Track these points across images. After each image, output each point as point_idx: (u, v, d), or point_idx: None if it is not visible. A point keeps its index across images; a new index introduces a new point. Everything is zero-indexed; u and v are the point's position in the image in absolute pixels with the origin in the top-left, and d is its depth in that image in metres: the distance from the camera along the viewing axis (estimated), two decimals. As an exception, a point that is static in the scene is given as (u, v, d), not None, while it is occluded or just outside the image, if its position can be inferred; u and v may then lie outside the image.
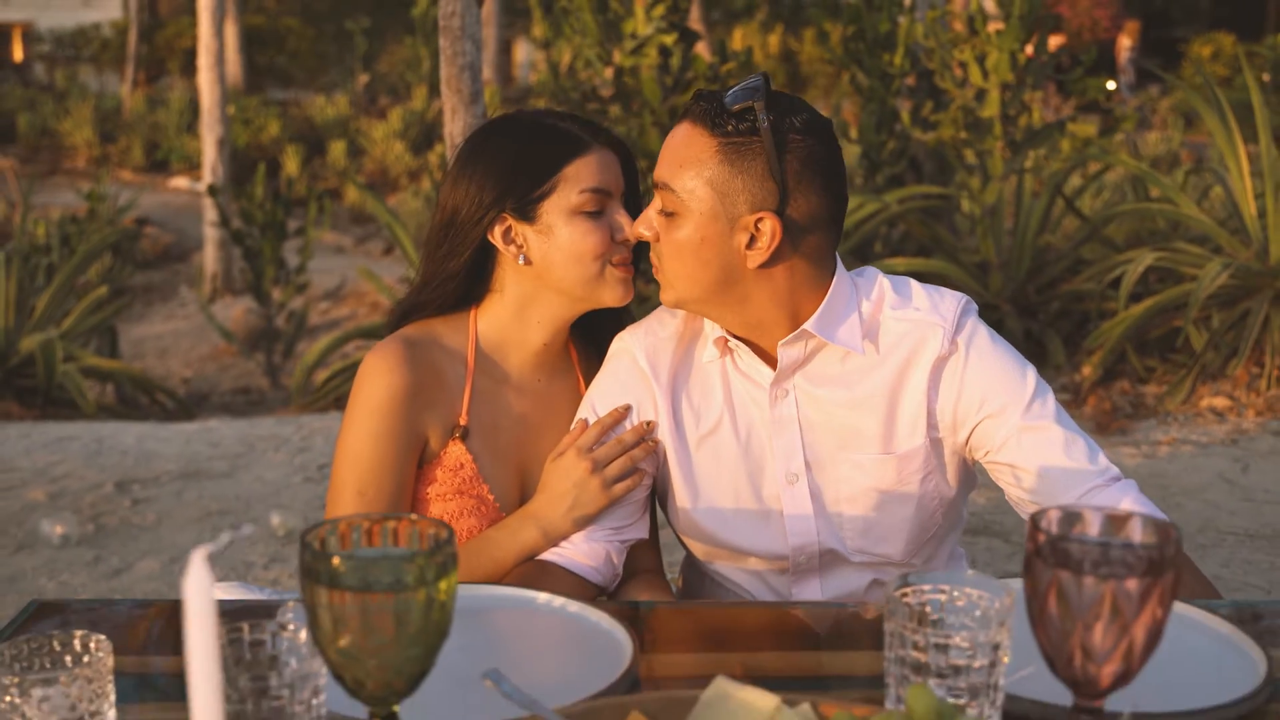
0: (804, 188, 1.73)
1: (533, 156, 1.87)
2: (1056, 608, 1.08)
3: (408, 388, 1.85)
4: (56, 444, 4.74)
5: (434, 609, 1.04)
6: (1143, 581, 1.06)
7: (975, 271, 6.18)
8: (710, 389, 1.90)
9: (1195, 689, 1.29)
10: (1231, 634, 1.41)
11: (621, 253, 1.88)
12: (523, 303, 1.93)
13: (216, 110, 11.05)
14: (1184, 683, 1.32)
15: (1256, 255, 5.26)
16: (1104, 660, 1.08)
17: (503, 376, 1.96)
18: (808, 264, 1.78)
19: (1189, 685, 1.31)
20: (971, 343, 1.82)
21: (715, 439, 1.89)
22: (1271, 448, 4.38)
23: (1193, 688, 1.30)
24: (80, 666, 1.19)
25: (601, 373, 1.96)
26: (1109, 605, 1.06)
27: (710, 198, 1.73)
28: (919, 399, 1.82)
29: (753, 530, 1.90)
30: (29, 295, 6.15)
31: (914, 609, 1.20)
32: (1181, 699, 1.27)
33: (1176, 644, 1.41)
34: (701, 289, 1.78)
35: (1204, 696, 1.27)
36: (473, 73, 3.52)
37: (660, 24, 5.56)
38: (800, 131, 1.72)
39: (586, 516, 1.86)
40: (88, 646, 1.22)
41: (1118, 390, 5.20)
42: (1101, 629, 1.07)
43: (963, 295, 1.87)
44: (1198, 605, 1.48)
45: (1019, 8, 5.71)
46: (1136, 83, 16.99)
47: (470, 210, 1.87)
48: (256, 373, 8.48)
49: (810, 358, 1.84)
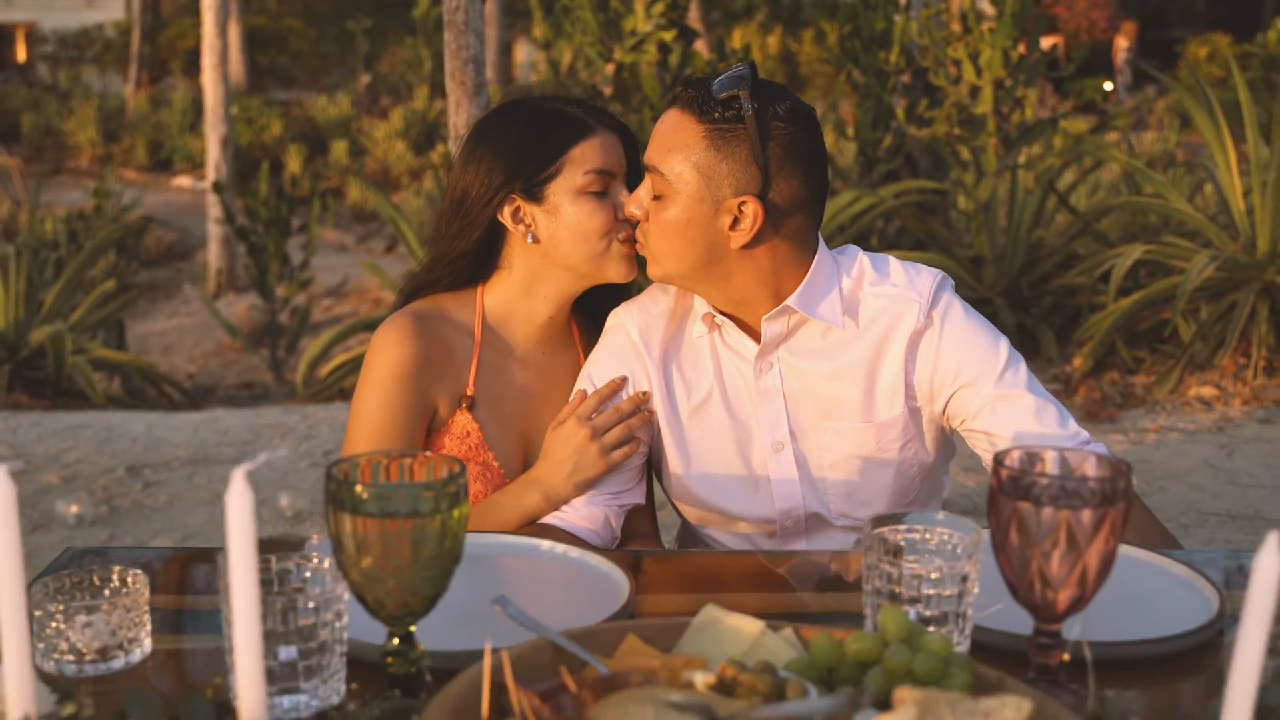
0: (786, 173, 1.82)
1: (539, 140, 1.96)
2: (1017, 538, 1.18)
3: (417, 358, 1.94)
4: (67, 431, 4.84)
5: (447, 535, 1.14)
6: (1095, 512, 1.16)
7: (969, 266, 6.27)
8: (700, 362, 2.00)
9: (1151, 623, 1.39)
10: (1189, 576, 1.51)
11: (625, 230, 1.96)
12: (530, 279, 2.02)
13: (220, 109, 11.15)
14: (1141, 618, 1.41)
15: (1244, 248, 5.36)
16: (1060, 586, 1.18)
17: (508, 350, 2.05)
18: (789, 244, 1.87)
19: (1145, 620, 1.40)
20: (946, 316, 1.91)
21: (706, 410, 1.99)
22: (1256, 434, 4.48)
23: (1149, 622, 1.39)
24: (119, 597, 1.29)
25: (598, 346, 2.06)
26: (1064, 534, 1.16)
27: (696, 181, 1.82)
28: (897, 370, 1.91)
29: (742, 496, 1.99)
30: (38, 289, 6.25)
31: (889, 544, 1.30)
32: (1137, 632, 1.36)
33: (1137, 585, 1.51)
34: (686, 266, 1.87)
35: (1158, 630, 1.37)
36: (476, 66, 3.62)
37: (660, 21, 5.66)
38: (783, 119, 1.81)
39: (586, 481, 1.95)
40: (125, 580, 1.32)
41: (1108, 381, 5.29)
42: (1058, 557, 1.17)
43: (939, 272, 1.96)
44: (1160, 553, 1.58)
45: (1011, 6, 5.81)
46: (1133, 83, 17.08)
47: (480, 192, 1.96)
48: (260, 368, 8.57)
49: (793, 332, 1.93)
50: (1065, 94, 15.43)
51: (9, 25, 22.99)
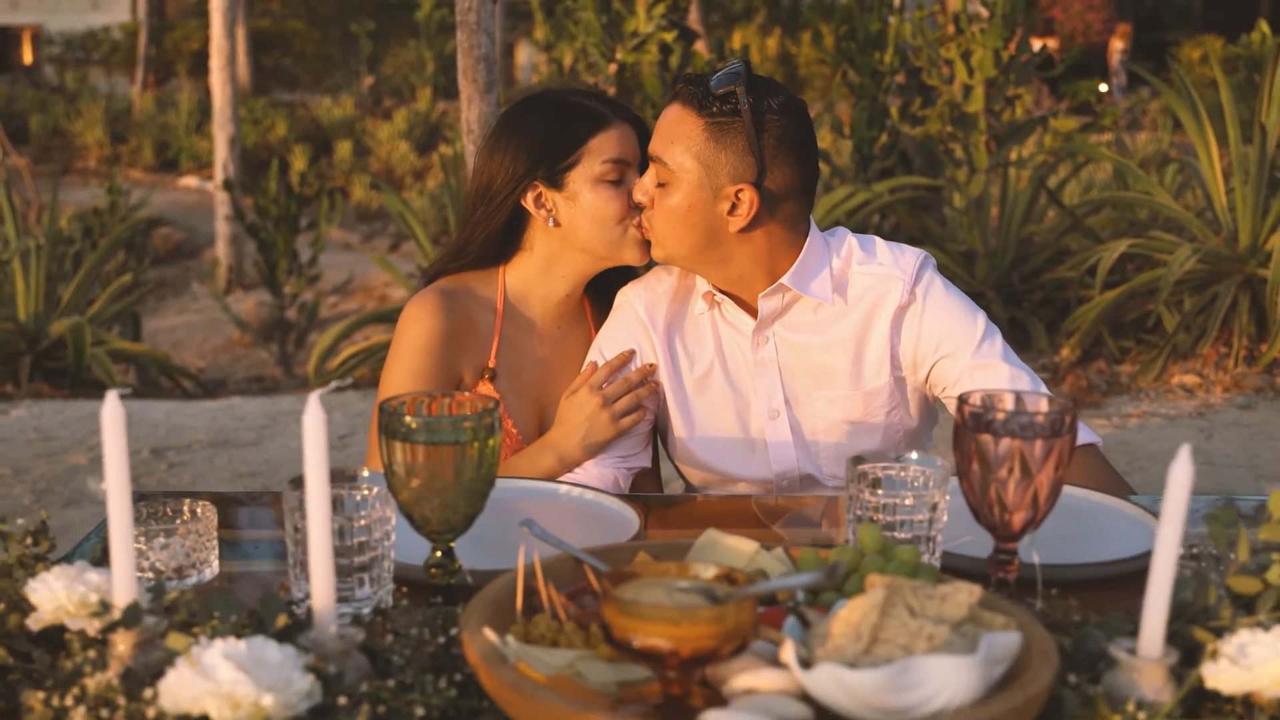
0: (780, 162, 1.99)
1: (560, 131, 2.13)
2: (978, 467, 1.35)
3: (444, 332, 2.12)
4: (90, 418, 5.02)
5: (484, 461, 1.32)
6: (1045, 443, 1.34)
7: (962, 260, 6.45)
8: (702, 337, 2.17)
9: (1099, 552, 1.57)
10: (1138, 515, 1.69)
11: (638, 216, 2.11)
12: (550, 260, 2.19)
13: (228, 110, 11.33)
14: (1091, 548, 1.59)
15: (1226, 242, 5.54)
16: (1015, 509, 1.36)
17: (527, 325, 2.23)
18: (783, 228, 2.04)
19: (1095, 549, 1.58)
20: (928, 293, 2.09)
21: (707, 380, 2.16)
22: (1235, 420, 4.66)
23: (1097, 551, 1.57)
24: (192, 523, 1.46)
25: (607, 323, 2.23)
26: (1018, 463, 1.34)
27: (697, 170, 1.99)
28: (883, 343, 2.09)
29: (741, 459, 2.17)
30: (56, 283, 6.42)
31: (869, 477, 1.47)
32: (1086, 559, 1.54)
33: (1093, 522, 1.69)
34: (687, 249, 2.04)
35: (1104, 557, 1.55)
36: (487, 64, 3.80)
37: (661, 22, 5.84)
38: (777, 112, 1.98)
39: (597, 445, 2.12)
40: (195, 510, 1.50)
41: (1094, 370, 5.47)
42: (1013, 483, 1.35)
43: (922, 251, 2.14)
44: (1116, 498, 1.76)
45: (1002, 7, 5.99)
46: (1128, 85, 17.27)
47: (504, 180, 2.13)
48: (269, 362, 8.75)
49: (787, 308, 2.10)
50: (1060, 95, 15.62)
51: (15, 27, 23.19)
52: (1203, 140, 5.61)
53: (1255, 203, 5.40)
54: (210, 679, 1.03)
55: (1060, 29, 19.44)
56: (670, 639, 1.05)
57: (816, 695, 1.04)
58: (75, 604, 1.17)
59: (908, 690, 1.02)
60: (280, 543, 1.65)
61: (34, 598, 1.19)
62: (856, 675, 1.02)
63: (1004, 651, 1.08)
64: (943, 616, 1.10)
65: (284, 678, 1.05)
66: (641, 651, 1.06)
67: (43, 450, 4.46)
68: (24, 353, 6.13)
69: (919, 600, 1.12)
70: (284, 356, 8.42)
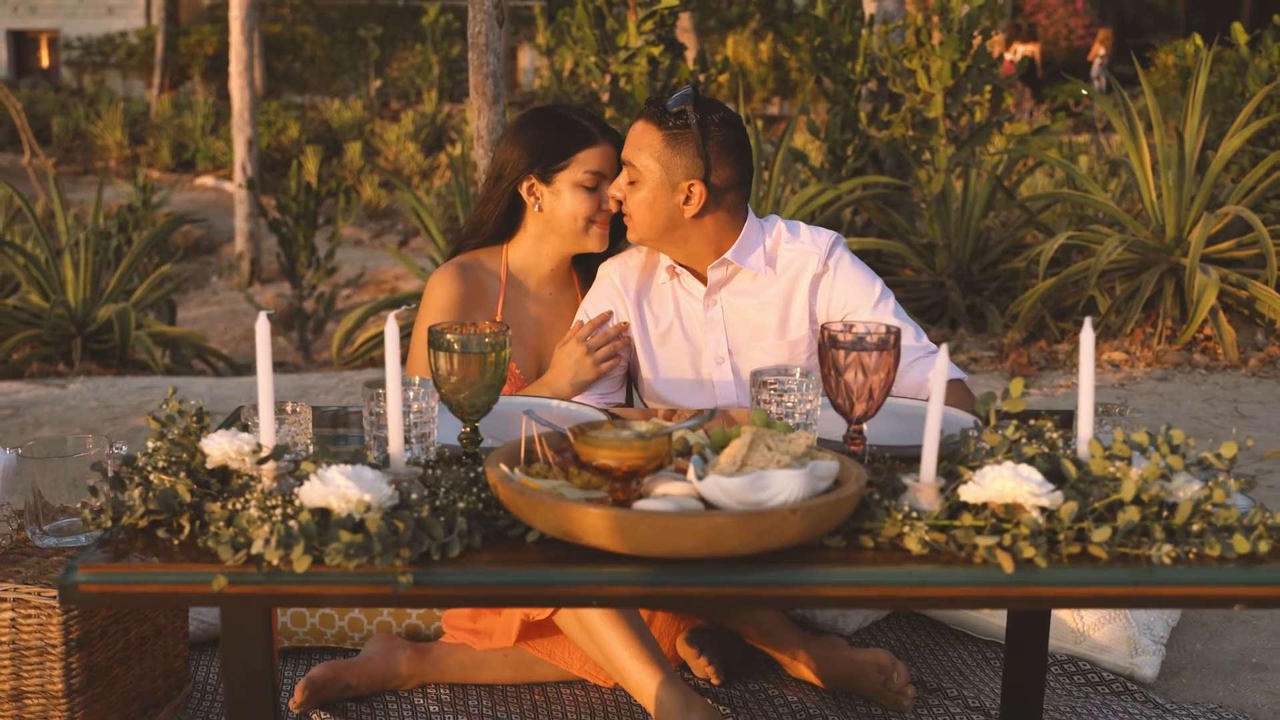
0: (722, 162, 2.64)
1: (558, 141, 2.78)
2: (833, 372, 1.99)
3: (461, 294, 2.77)
4: (140, 390, 5.66)
5: (497, 366, 1.96)
6: (876, 355, 1.97)
7: (924, 252, 7.09)
8: (664, 301, 2.82)
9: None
10: (964, 418, 2.33)
11: (603, 217, 2.79)
12: (538, 240, 2.85)
13: (247, 113, 11.97)
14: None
15: (1154, 234, 6.18)
16: (858, 399, 1.99)
17: (525, 290, 2.88)
18: (727, 215, 2.70)
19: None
20: (838, 265, 2.74)
21: (669, 335, 2.81)
22: (1152, 389, 5.30)
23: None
24: (293, 416, 2.10)
25: (591, 290, 2.88)
26: (859, 366, 1.97)
27: (658, 170, 2.64)
28: (803, 303, 2.74)
29: (694, 395, 2.81)
30: (100, 272, 7.08)
31: (765, 383, 2.11)
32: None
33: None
34: (654, 231, 2.69)
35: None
36: (494, 80, 4.45)
37: (649, 37, 6.48)
38: (719, 125, 2.63)
39: (583, 384, 2.77)
40: (295, 409, 2.14)
41: (1036, 349, 6.12)
42: (856, 383, 1.98)
43: (835, 232, 2.79)
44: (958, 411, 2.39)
45: (958, 24, 6.63)
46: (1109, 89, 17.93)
47: (511, 168, 2.79)
48: (290, 349, 9.40)
49: (730, 278, 2.76)
50: (1041, 99, 16.26)
51: (33, 32, 23.88)
52: (1133, 142, 6.25)
53: (1177, 199, 6.05)
54: (331, 485, 1.67)
55: (1044, 34, 20.11)
56: (614, 459, 1.69)
57: (706, 495, 1.68)
58: (235, 451, 1.81)
59: (761, 490, 1.66)
60: (345, 439, 2.29)
61: (206, 448, 1.83)
62: (731, 481, 1.67)
63: (826, 471, 1.72)
64: (788, 451, 1.75)
65: (376, 486, 1.69)
66: (597, 468, 1.71)
67: (105, 415, 5.11)
68: (74, 335, 6.78)
69: (774, 442, 1.76)
70: (304, 343, 9.08)
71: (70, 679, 2.26)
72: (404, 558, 1.63)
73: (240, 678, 1.78)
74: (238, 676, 1.78)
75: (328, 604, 1.69)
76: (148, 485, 1.79)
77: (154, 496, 1.75)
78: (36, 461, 2.38)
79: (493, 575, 1.67)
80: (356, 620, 2.80)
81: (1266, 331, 5.93)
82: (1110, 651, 2.73)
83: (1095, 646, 2.75)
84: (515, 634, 2.59)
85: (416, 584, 1.63)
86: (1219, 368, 5.62)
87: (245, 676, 1.78)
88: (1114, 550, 1.70)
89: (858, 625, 2.95)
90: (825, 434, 2.17)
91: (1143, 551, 1.70)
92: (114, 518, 1.77)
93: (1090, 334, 1.83)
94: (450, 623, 2.71)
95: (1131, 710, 2.58)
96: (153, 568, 1.67)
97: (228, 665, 1.79)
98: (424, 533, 1.66)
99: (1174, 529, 1.72)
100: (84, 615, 2.26)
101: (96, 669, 2.32)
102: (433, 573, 1.65)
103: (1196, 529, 1.71)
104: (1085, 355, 1.84)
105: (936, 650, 2.88)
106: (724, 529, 1.62)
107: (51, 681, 2.26)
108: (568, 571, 1.67)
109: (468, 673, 2.67)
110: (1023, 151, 6.97)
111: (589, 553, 1.67)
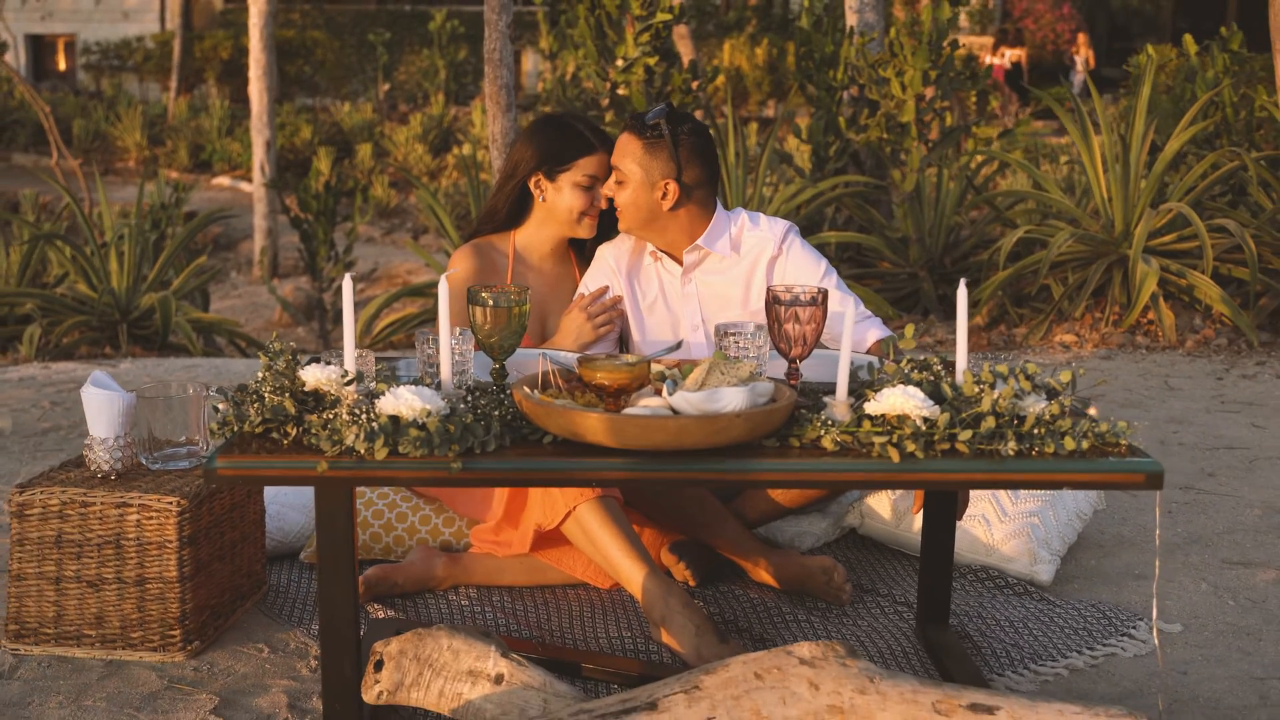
0: (691, 165, 3.26)
1: (563, 146, 3.41)
2: (774, 322, 2.60)
3: (476, 268, 3.40)
4: (185, 369, 6.29)
5: (520, 317, 2.58)
6: (807, 309, 2.59)
7: (899, 245, 7.71)
8: (650, 279, 3.45)
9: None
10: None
11: (594, 211, 3.42)
12: (539, 225, 3.48)
13: (265, 116, 12.60)
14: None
15: (1104, 228, 6.81)
16: (794, 344, 2.60)
17: (529, 265, 3.50)
18: (698, 208, 3.32)
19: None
20: (791, 248, 3.36)
21: (654, 307, 3.43)
22: (1095, 367, 5.92)
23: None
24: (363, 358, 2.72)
25: (590, 269, 3.51)
26: (794, 318, 2.59)
27: (640, 173, 3.26)
28: (762, 280, 3.36)
29: (675, 355, 3.43)
30: (139, 264, 7.70)
31: (727, 331, 2.72)
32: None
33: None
34: (639, 223, 3.31)
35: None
36: (508, 90, 5.08)
37: (646, 48, 7.10)
38: (688, 134, 3.25)
39: (584, 344, 3.39)
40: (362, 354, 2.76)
41: (997, 333, 6.74)
42: (793, 331, 2.60)
43: (789, 221, 3.41)
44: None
45: (928, 34, 7.26)
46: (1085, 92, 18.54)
47: (523, 167, 3.41)
48: (309, 340, 10.03)
49: (702, 260, 3.38)
50: (1026, 101, 16.87)
51: (50, 36, 24.54)
52: (1085, 143, 6.88)
53: (1123, 196, 6.67)
54: (401, 399, 2.29)
55: (1031, 39, 20.75)
56: (608, 379, 2.32)
57: (675, 406, 2.30)
58: (327, 378, 2.43)
59: (716, 401, 2.28)
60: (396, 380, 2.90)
61: (304, 375, 2.45)
62: (693, 395, 2.28)
63: (764, 390, 2.34)
64: (737, 375, 2.37)
65: (433, 400, 2.31)
66: (595, 387, 2.33)
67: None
68: (119, 321, 7.41)
69: (726, 368, 2.38)
70: (323, 333, 9.71)
71: (182, 568, 2.88)
72: (454, 451, 2.25)
73: (329, 545, 2.40)
74: (328, 544, 2.40)
75: (399, 484, 2.31)
76: (262, 401, 2.41)
77: (269, 408, 2.37)
78: (148, 401, 3.01)
79: (519, 464, 2.29)
80: (400, 536, 3.42)
81: (1204, 316, 6.56)
82: (1014, 561, 3.35)
83: (1002, 558, 3.37)
84: (529, 545, 3.21)
85: (464, 470, 2.25)
86: (1158, 348, 6.25)
87: (333, 543, 2.40)
88: (975, 448, 2.32)
89: (810, 545, 3.57)
90: (774, 374, 2.79)
91: (995, 446, 2.32)
92: (238, 421, 2.39)
93: (964, 291, 2.45)
94: (477, 536, 3.33)
95: (1028, 605, 3.20)
96: (270, 457, 2.29)
97: (322, 535, 2.41)
98: (469, 433, 2.28)
99: (1022, 434, 2.34)
100: (193, 517, 2.88)
101: (201, 562, 2.94)
102: (475, 462, 2.27)
103: (1039, 433, 2.33)
104: (961, 306, 2.46)
105: (874, 562, 3.50)
106: (688, 429, 2.24)
107: (168, 570, 2.88)
108: (574, 461, 2.29)
109: (491, 576, 3.29)
110: (989, 153, 7.59)
111: (589, 448, 2.29)
